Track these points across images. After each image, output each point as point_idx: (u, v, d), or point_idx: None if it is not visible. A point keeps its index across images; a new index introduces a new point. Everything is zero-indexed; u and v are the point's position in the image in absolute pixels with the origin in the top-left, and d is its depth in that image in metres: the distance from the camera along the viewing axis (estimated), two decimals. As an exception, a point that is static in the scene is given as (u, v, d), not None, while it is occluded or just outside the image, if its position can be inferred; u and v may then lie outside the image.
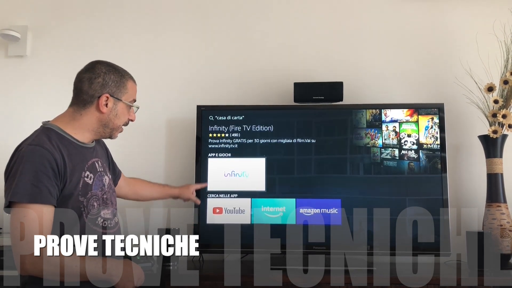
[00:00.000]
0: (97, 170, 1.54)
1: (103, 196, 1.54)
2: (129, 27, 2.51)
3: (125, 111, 1.58)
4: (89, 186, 1.48)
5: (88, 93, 1.49)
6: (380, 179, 2.11)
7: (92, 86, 1.49)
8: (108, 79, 1.51)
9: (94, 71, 1.51)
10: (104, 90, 1.50)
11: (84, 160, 1.50)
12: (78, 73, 1.53)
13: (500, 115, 2.07)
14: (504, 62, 2.16)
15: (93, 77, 1.49)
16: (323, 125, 2.18)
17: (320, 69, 2.39)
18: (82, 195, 1.45)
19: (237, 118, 2.20)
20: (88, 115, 1.51)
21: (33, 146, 1.38)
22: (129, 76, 1.58)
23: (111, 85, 1.51)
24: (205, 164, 2.16)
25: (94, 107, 1.50)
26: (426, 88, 2.35)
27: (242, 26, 2.47)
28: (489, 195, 2.10)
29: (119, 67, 1.57)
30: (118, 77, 1.53)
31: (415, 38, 2.40)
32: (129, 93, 1.57)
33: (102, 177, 1.56)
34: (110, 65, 1.55)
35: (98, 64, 1.53)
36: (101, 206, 1.52)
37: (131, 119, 1.63)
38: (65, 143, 1.46)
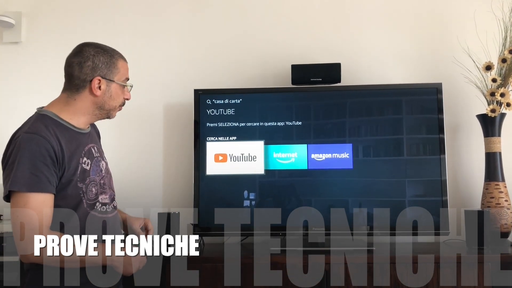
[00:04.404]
0: (93, 156, 1.54)
1: (101, 182, 1.53)
2: (125, 11, 2.48)
3: (119, 91, 1.55)
4: (87, 172, 1.48)
5: (80, 77, 1.47)
6: (379, 161, 2.12)
7: (82, 70, 1.47)
8: (98, 61, 1.48)
9: (82, 54, 1.48)
10: (95, 73, 1.47)
11: (81, 146, 1.49)
12: (67, 58, 1.51)
13: (498, 93, 2.07)
14: (502, 40, 2.14)
15: (82, 61, 1.47)
16: (321, 107, 2.18)
17: (317, 51, 2.37)
18: (80, 181, 1.45)
19: (235, 102, 2.19)
20: (82, 100, 1.49)
21: (30, 134, 1.37)
22: (119, 55, 1.55)
23: (101, 67, 1.48)
24: (203, 148, 2.16)
25: (88, 91, 1.48)
26: (424, 68, 2.34)
27: (239, 8, 2.45)
28: (488, 174, 2.11)
29: (107, 47, 1.54)
30: (107, 58, 1.50)
31: (412, 18, 2.38)
32: (121, 73, 1.54)
33: (99, 162, 1.55)
34: (98, 46, 1.51)
35: (85, 47, 1.50)
36: (99, 191, 1.52)
37: (127, 98, 1.61)
38: (61, 129, 1.45)
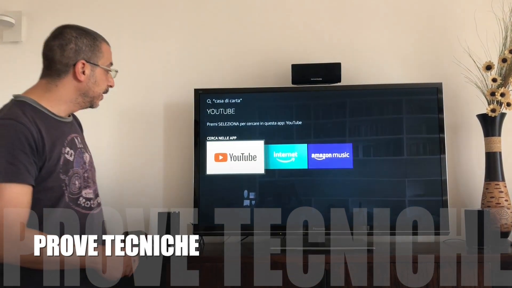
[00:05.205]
0: (77, 146, 1.42)
1: (84, 175, 1.42)
2: (125, 10, 2.48)
3: (104, 77, 1.46)
4: (70, 163, 1.36)
5: (62, 61, 1.37)
6: (379, 160, 2.12)
7: (64, 53, 1.37)
8: (81, 44, 1.38)
9: (63, 37, 1.38)
10: (78, 57, 1.38)
11: (63, 136, 1.38)
12: (45, 41, 1.40)
13: (499, 93, 2.07)
14: (503, 40, 2.14)
15: (64, 44, 1.37)
16: (321, 107, 2.18)
17: (317, 51, 2.37)
18: (63, 172, 1.33)
19: (235, 101, 2.18)
20: (64, 86, 1.39)
21: (6, 120, 1.26)
22: (102, 38, 1.47)
23: (85, 50, 1.39)
24: (203, 147, 2.16)
25: (71, 76, 1.38)
26: (424, 68, 2.34)
27: (239, 8, 2.45)
28: (488, 174, 2.10)
29: (90, 29, 1.45)
30: (91, 41, 1.41)
31: (413, 17, 2.38)
32: (105, 57, 1.45)
33: (82, 154, 1.44)
34: (80, 28, 1.42)
35: (66, 29, 1.40)
36: (83, 185, 1.40)
37: (110, 85, 1.50)
38: (41, 117, 1.33)
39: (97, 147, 2.35)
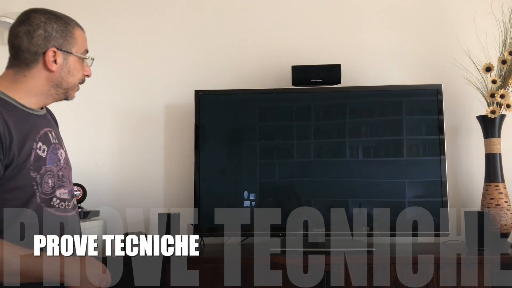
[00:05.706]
0: (50, 142, 1.28)
1: (59, 173, 1.28)
2: (125, 11, 2.49)
3: (78, 66, 1.32)
4: (42, 159, 1.22)
5: (30, 50, 1.23)
6: (379, 161, 2.12)
7: (32, 40, 1.23)
8: (51, 30, 1.25)
9: (31, 22, 1.24)
10: (49, 44, 1.24)
11: (35, 129, 1.24)
12: (11, 28, 1.26)
13: (498, 95, 2.07)
14: (502, 41, 2.15)
15: (31, 30, 1.23)
16: (321, 108, 2.18)
17: (318, 52, 2.38)
18: (34, 170, 1.19)
19: (235, 103, 2.19)
20: (34, 76, 1.25)
21: None
22: (75, 22, 1.33)
23: (56, 36, 1.25)
24: (204, 148, 2.15)
25: (41, 65, 1.25)
26: (424, 69, 2.34)
27: (239, 9, 2.45)
28: (487, 175, 2.11)
29: (61, 13, 1.30)
30: (62, 26, 1.27)
31: (413, 19, 2.39)
32: (79, 43, 1.31)
33: (56, 150, 1.30)
34: (49, 12, 1.28)
35: (34, 13, 1.26)
36: (57, 185, 1.27)
37: (87, 75, 1.36)
38: (9, 108, 1.20)
39: (98, 148, 2.39)
